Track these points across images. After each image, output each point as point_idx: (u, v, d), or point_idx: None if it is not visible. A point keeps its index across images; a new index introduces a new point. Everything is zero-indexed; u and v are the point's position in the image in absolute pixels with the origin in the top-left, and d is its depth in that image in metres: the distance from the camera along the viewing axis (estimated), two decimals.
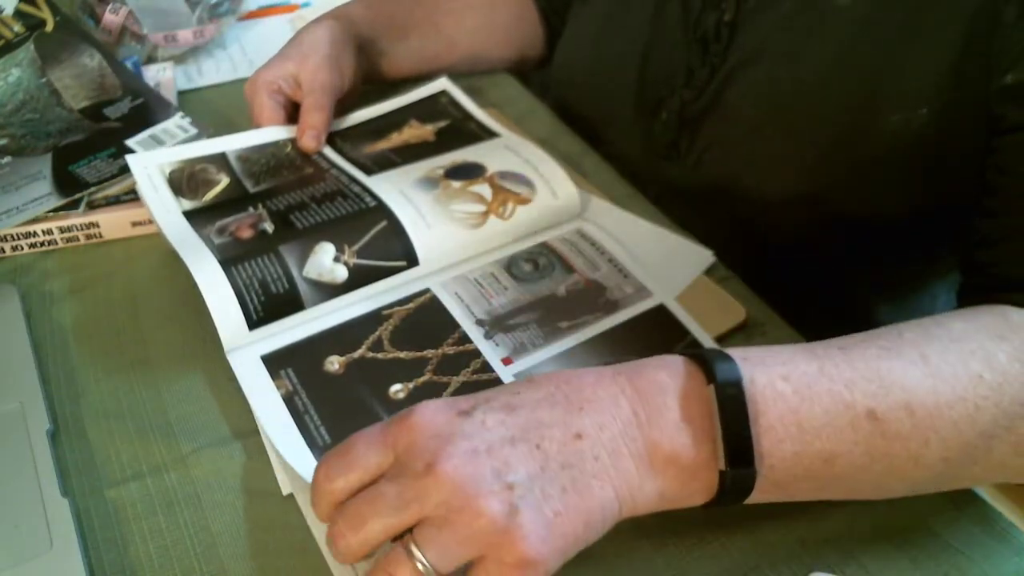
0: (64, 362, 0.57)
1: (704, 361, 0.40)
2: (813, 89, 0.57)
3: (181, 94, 0.82)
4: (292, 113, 0.69)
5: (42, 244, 0.65)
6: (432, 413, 0.38)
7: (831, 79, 0.56)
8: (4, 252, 0.65)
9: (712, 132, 0.64)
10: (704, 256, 0.63)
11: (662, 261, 0.62)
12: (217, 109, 0.80)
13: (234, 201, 0.63)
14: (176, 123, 0.72)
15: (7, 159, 0.68)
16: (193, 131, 0.71)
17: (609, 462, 0.38)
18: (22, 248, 0.65)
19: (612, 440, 0.38)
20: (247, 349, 0.55)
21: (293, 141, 0.68)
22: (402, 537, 0.36)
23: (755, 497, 0.41)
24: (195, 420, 0.53)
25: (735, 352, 0.41)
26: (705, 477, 0.39)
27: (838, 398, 0.40)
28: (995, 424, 0.41)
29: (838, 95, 0.56)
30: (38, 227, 0.64)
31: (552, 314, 0.58)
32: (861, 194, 0.59)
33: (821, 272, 0.66)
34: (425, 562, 0.35)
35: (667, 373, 0.40)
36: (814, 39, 0.56)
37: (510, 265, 0.61)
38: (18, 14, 0.77)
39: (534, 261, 0.62)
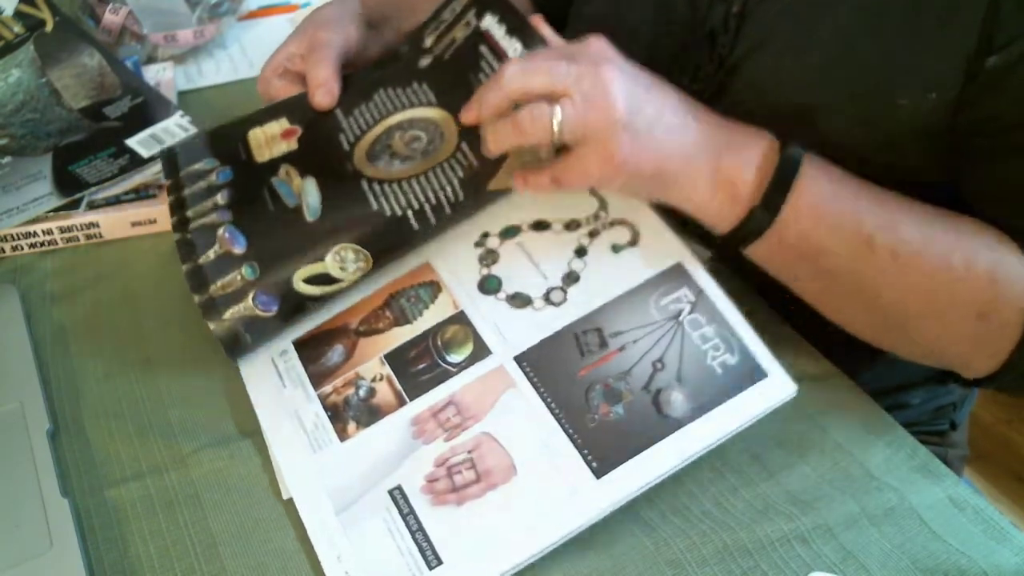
0: (64, 362, 0.57)
1: (785, 144, 0.51)
2: (818, 77, 0.57)
3: (181, 94, 0.82)
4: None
5: (42, 244, 0.65)
6: (609, 46, 0.51)
7: (836, 67, 0.56)
8: (4, 252, 0.65)
9: None
10: (701, 255, 0.62)
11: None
12: (217, 109, 0.80)
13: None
14: (176, 122, 0.72)
15: (7, 159, 0.68)
16: (193, 130, 0.71)
17: (693, 153, 0.50)
18: (22, 248, 0.65)
19: (704, 144, 0.50)
20: (256, 354, 0.55)
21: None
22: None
23: (757, 247, 0.51)
24: (195, 420, 0.53)
25: (810, 153, 0.51)
26: (738, 208, 0.50)
27: (855, 217, 0.50)
28: (941, 304, 0.51)
29: (844, 82, 0.56)
30: (38, 227, 0.64)
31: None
32: (872, 179, 0.58)
33: None
34: (559, 120, 0.47)
35: (757, 135, 0.52)
36: (819, 26, 0.56)
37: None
38: (18, 15, 0.77)
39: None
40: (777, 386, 0.48)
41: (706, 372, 0.49)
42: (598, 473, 0.47)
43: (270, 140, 0.61)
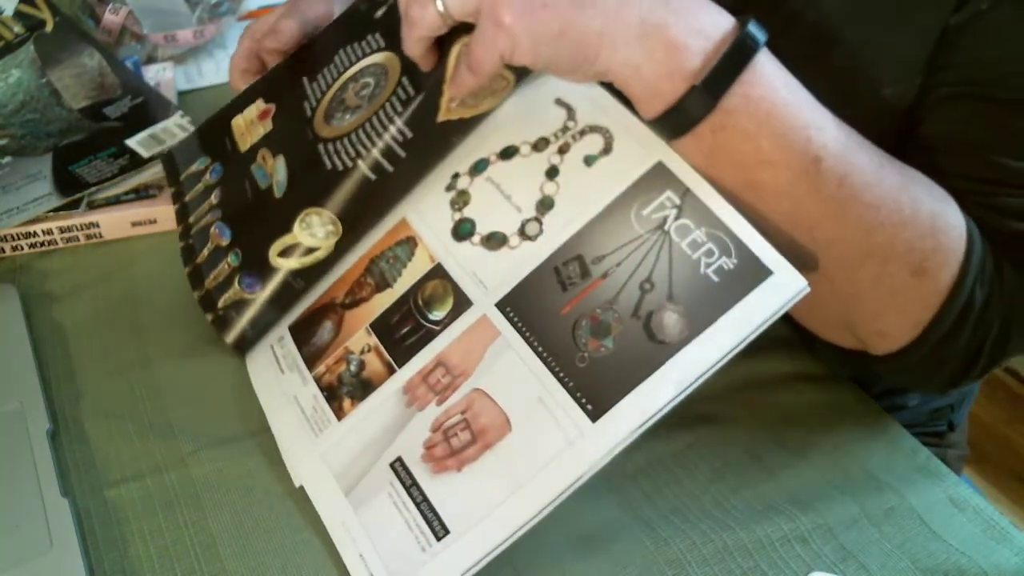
0: (64, 362, 0.57)
1: (746, 18, 0.44)
2: (803, 67, 0.56)
3: (181, 94, 0.82)
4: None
5: (42, 244, 0.65)
6: None
7: (821, 57, 0.54)
8: (4, 252, 0.65)
9: None
10: None
11: None
12: (217, 109, 0.80)
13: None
14: (176, 122, 0.72)
15: (7, 159, 0.68)
16: (192, 130, 0.71)
17: (614, 6, 0.42)
18: (22, 248, 0.65)
19: None
20: (259, 345, 0.56)
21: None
22: None
23: (688, 143, 0.44)
24: (195, 420, 0.53)
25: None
26: (676, 85, 0.43)
27: (806, 131, 0.44)
28: (881, 248, 0.45)
29: (829, 72, 0.54)
30: (38, 227, 0.64)
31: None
32: None
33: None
34: (443, 1, 0.44)
35: (715, 5, 0.44)
36: (804, 16, 0.55)
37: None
38: (18, 15, 0.77)
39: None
40: (784, 283, 0.42)
41: (700, 283, 0.44)
42: (593, 416, 0.44)
43: (250, 125, 0.61)
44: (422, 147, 0.53)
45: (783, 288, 0.42)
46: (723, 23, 0.43)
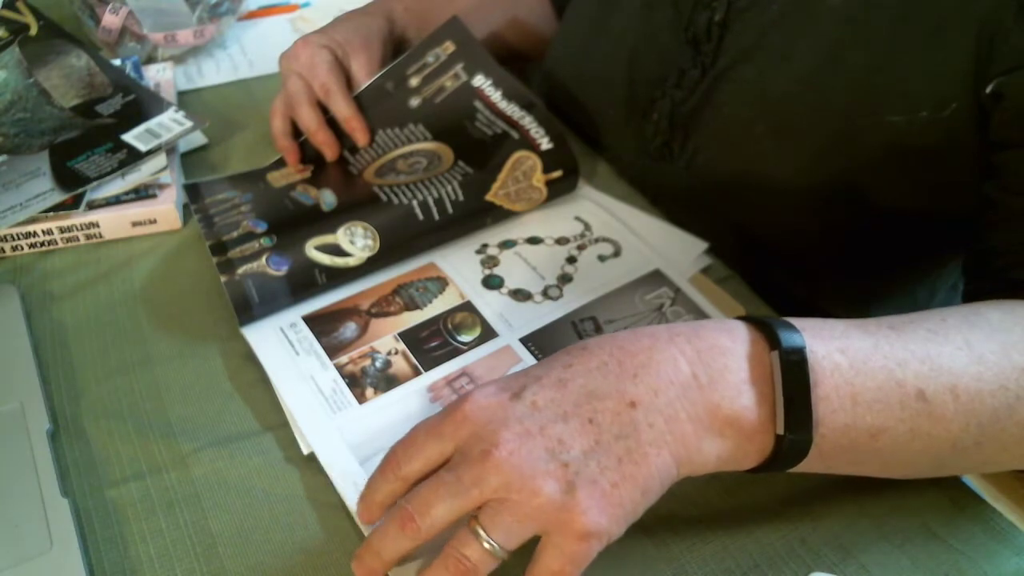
0: (64, 362, 0.57)
1: (766, 326, 0.41)
2: (804, 89, 0.57)
3: (181, 94, 0.82)
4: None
5: (42, 244, 0.65)
6: (485, 399, 0.39)
7: (822, 79, 0.56)
8: (4, 252, 0.65)
9: (704, 133, 0.64)
10: (698, 245, 0.63)
11: (659, 245, 0.64)
12: (217, 110, 0.80)
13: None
14: (170, 117, 0.72)
15: (3, 158, 0.68)
16: (188, 124, 0.71)
17: (665, 428, 0.39)
18: (22, 248, 0.65)
19: (668, 405, 0.39)
20: (263, 324, 0.58)
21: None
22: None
23: (799, 465, 0.41)
24: (195, 420, 0.53)
25: (793, 321, 0.42)
26: (761, 440, 0.40)
27: (891, 376, 0.41)
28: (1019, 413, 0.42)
29: (830, 95, 0.56)
30: (38, 227, 0.64)
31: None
32: (857, 195, 0.58)
33: (817, 271, 0.66)
34: (491, 541, 0.38)
35: (728, 337, 0.41)
36: (805, 39, 0.56)
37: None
38: (0, 20, 0.77)
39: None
40: None
41: None
42: None
43: (285, 176, 0.69)
44: (465, 210, 0.63)
45: None
46: (740, 352, 0.40)
